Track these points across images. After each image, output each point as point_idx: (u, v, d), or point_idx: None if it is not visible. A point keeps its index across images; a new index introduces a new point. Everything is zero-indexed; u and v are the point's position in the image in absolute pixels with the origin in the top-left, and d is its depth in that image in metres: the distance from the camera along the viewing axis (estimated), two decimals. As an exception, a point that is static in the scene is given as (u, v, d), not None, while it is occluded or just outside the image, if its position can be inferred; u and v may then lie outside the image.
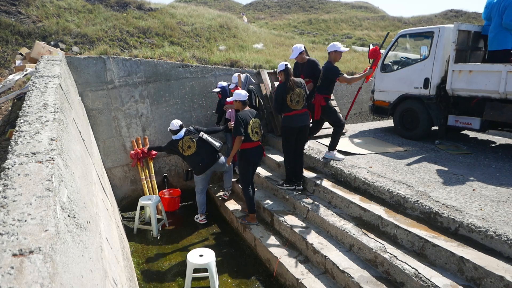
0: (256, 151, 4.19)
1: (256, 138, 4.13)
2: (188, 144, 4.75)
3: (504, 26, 4.65)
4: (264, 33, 11.47)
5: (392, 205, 3.58)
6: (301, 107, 4.17)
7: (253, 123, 4.10)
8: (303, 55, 4.81)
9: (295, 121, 4.19)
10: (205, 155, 4.76)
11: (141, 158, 5.48)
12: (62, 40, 6.87)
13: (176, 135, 4.83)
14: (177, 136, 4.81)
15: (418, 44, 6.48)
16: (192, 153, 4.74)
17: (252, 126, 4.08)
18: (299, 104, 4.15)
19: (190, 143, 4.76)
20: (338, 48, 4.26)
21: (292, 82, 4.10)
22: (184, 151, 4.76)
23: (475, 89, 4.75)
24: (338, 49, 4.25)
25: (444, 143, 5.43)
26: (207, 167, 4.80)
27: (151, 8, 9.55)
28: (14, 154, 1.45)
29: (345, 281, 3.10)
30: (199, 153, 4.75)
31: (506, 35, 4.70)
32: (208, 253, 3.56)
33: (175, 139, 4.82)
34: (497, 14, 4.73)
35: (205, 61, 6.77)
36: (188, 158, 4.79)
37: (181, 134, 4.82)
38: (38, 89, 2.55)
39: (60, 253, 1.03)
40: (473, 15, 20.48)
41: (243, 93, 4.20)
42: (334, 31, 19.78)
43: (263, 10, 28.42)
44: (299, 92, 4.14)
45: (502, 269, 2.48)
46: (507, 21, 4.59)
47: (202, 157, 4.75)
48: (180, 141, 4.77)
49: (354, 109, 8.04)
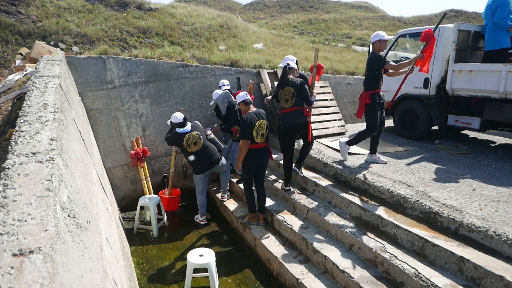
0: (259, 152, 4.07)
1: (260, 140, 4.01)
2: (194, 141, 4.56)
3: (496, 25, 4.67)
4: (264, 33, 11.47)
5: (392, 205, 3.59)
6: (290, 105, 4.15)
7: (259, 125, 3.96)
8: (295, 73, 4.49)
9: (284, 119, 4.22)
10: (209, 154, 4.68)
11: (141, 158, 5.47)
12: (62, 40, 6.87)
13: (182, 129, 4.56)
14: (183, 130, 4.57)
15: (418, 44, 6.48)
16: (196, 150, 4.59)
17: (258, 127, 3.96)
18: (287, 103, 4.16)
19: (197, 139, 4.58)
20: (382, 37, 4.01)
21: (282, 79, 4.14)
22: (189, 146, 4.56)
23: (475, 89, 4.75)
24: (383, 37, 4.01)
25: (444, 143, 5.43)
26: (208, 167, 4.74)
27: (151, 8, 9.55)
28: (14, 154, 1.45)
29: (345, 281, 3.10)
30: (203, 151, 4.61)
31: (501, 35, 4.71)
32: (208, 253, 3.56)
33: (181, 132, 4.56)
34: (490, 14, 4.76)
35: (205, 61, 6.77)
36: (191, 155, 4.62)
37: (188, 128, 4.60)
38: (38, 89, 2.55)
39: (60, 253, 1.03)
40: (473, 15, 20.49)
41: (242, 93, 4.14)
42: (334, 31, 19.79)
43: (263, 10, 28.42)
44: (288, 91, 4.13)
45: (502, 269, 2.48)
46: (499, 19, 4.61)
47: (206, 156, 4.65)
48: (186, 135, 4.56)
49: (354, 109, 8.05)
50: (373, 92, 4.10)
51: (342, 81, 7.98)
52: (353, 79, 8.13)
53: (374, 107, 4.11)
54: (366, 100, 4.11)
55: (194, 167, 4.78)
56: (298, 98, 4.15)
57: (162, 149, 5.93)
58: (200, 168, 4.72)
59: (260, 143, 4.03)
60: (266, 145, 4.12)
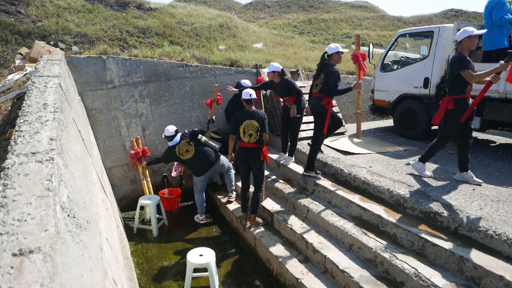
0: (245, 152, 4.10)
1: (247, 139, 4.03)
2: (186, 148, 4.74)
3: (496, 24, 4.67)
4: (264, 32, 11.47)
5: (392, 204, 3.59)
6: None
7: (246, 124, 4.01)
8: (275, 74, 4.60)
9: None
10: (205, 156, 4.75)
11: (141, 157, 5.47)
12: (62, 39, 6.87)
13: (172, 141, 4.83)
14: (173, 141, 4.82)
15: (418, 44, 6.49)
16: (191, 157, 4.73)
17: (245, 126, 4.01)
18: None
19: (187, 147, 4.75)
20: (471, 33, 3.42)
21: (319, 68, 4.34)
22: (182, 155, 4.75)
23: (475, 89, 4.74)
24: (472, 33, 3.42)
25: (444, 143, 5.43)
26: (207, 168, 4.79)
27: (151, 7, 9.55)
28: (14, 154, 1.45)
29: (345, 281, 3.10)
30: (198, 156, 4.73)
31: (498, 35, 4.72)
32: (208, 252, 3.56)
33: (172, 145, 4.82)
34: (487, 15, 4.76)
35: (204, 60, 6.76)
36: (187, 162, 4.78)
37: (177, 139, 4.82)
38: (38, 89, 2.54)
39: (60, 253, 1.03)
40: (473, 15, 20.50)
41: (247, 91, 4.14)
42: (334, 30, 19.80)
43: (263, 9, 28.42)
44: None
45: (502, 269, 2.48)
46: (497, 19, 4.61)
47: (202, 159, 4.73)
48: (176, 147, 4.77)
49: (353, 108, 8.05)
50: (458, 97, 3.54)
51: (342, 80, 7.96)
52: (353, 78, 8.12)
53: (457, 113, 3.56)
54: (449, 105, 3.57)
55: (193, 171, 4.88)
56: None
57: (162, 148, 5.93)
58: (200, 170, 4.79)
59: (247, 142, 4.04)
60: (257, 147, 4.06)
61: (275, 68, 4.61)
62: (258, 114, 4.07)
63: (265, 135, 4.04)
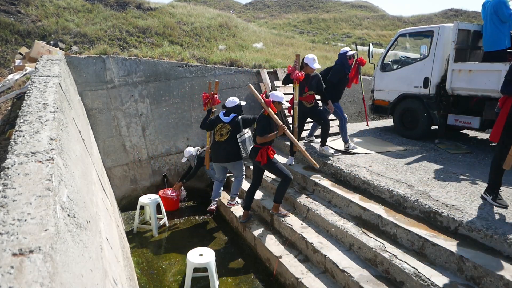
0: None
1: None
2: (221, 132, 4.42)
3: (505, 22, 4.64)
4: (263, 32, 11.47)
5: (392, 204, 3.59)
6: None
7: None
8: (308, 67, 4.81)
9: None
10: (225, 151, 4.47)
11: (209, 102, 5.09)
12: (62, 39, 6.87)
13: (222, 115, 4.46)
14: (224, 118, 4.43)
15: (417, 43, 6.48)
16: (218, 141, 4.46)
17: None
18: None
19: (224, 132, 4.41)
20: None
21: None
22: (215, 133, 4.49)
23: (475, 88, 4.75)
24: None
25: (444, 142, 5.43)
26: (217, 160, 4.57)
27: (151, 7, 9.54)
28: (14, 154, 1.45)
29: (345, 280, 3.10)
30: (222, 145, 4.44)
31: (498, 35, 4.70)
32: (208, 252, 3.56)
33: (219, 117, 4.47)
34: (487, 15, 4.74)
35: (204, 60, 6.76)
36: (213, 142, 4.56)
37: (228, 118, 4.43)
38: (38, 89, 2.54)
39: (60, 253, 1.03)
40: (472, 14, 20.49)
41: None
42: (333, 30, 19.79)
43: (263, 9, 28.42)
44: None
45: (502, 268, 2.48)
46: (505, 16, 4.57)
47: (221, 150, 4.46)
48: (220, 124, 4.43)
49: (353, 108, 8.05)
50: None
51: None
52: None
53: None
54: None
55: (212, 155, 4.67)
56: None
57: (162, 148, 5.93)
58: (214, 157, 4.60)
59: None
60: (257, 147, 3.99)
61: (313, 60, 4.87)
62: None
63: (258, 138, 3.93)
